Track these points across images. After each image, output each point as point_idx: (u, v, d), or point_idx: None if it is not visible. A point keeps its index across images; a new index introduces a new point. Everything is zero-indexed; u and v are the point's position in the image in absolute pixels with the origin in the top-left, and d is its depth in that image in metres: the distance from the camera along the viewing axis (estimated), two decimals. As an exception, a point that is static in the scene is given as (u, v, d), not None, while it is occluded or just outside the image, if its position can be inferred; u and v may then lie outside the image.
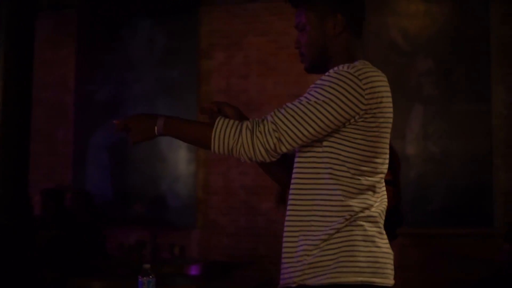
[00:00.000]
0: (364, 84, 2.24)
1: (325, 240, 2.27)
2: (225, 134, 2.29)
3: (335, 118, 2.24)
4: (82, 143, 8.83)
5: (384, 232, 2.36)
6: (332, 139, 2.29)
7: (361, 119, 2.26)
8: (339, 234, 2.27)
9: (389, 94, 2.35)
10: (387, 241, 2.37)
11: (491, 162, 7.57)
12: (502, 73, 7.67)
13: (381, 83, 2.31)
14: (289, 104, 2.29)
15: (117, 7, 8.81)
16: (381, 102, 2.29)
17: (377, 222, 2.34)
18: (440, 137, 7.68)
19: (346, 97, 2.23)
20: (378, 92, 2.28)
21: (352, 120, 2.26)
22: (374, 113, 2.27)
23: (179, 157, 8.46)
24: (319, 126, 2.25)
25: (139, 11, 8.75)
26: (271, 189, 8.12)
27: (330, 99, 2.23)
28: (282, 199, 6.00)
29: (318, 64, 2.46)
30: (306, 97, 2.28)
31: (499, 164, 7.58)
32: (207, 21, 8.56)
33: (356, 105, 2.24)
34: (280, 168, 2.57)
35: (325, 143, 2.30)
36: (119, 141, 8.63)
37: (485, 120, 7.60)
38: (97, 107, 8.82)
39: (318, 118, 2.24)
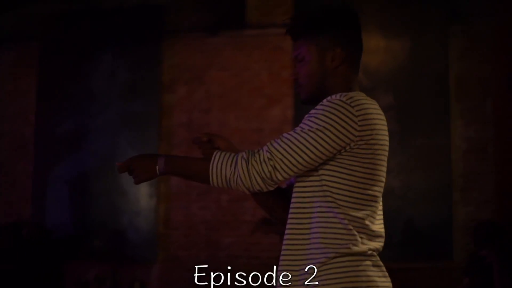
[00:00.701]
0: (356, 111, 2.29)
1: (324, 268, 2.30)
2: (222, 166, 2.33)
3: (330, 145, 2.28)
4: (42, 176, 8.74)
5: (382, 265, 2.42)
6: (328, 167, 2.33)
7: (356, 146, 2.30)
8: (338, 264, 2.31)
9: (383, 122, 2.40)
10: (388, 279, 2.43)
11: (451, 196, 7.64)
12: (460, 108, 7.78)
13: (374, 110, 2.36)
14: (285, 134, 2.34)
15: (79, 40, 8.80)
16: (374, 129, 2.33)
17: (375, 255, 2.41)
18: (400, 171, 7.74)
19: (339, 124, 2.28)
20: (371, 119, 2.33)
21: (347, 148, 2.30)
22: (368, 140, 2.32)
23: (140, 192, 8.40)
24: (314, 154, 2.29)
25: (101, 44, 8.73)
26: (232, 224, 8.12)
27: (324, 127, 2.28)
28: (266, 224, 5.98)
29: (315, 96, 2.50)
30: (300, 127, 2.33)
31: (458, 198, 7.66)
32: (169, 55, 8.58)
33: (350, 132, 2.29)
34: (276, 201, 2.60)
35: (321, 172, 2.34)
36: (79, 174, 8.56)
37: (444, 154, 7.68)
38: (58, 140, 8.74)
39: (313, 146, 2.28)
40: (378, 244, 2.42)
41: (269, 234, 5.46)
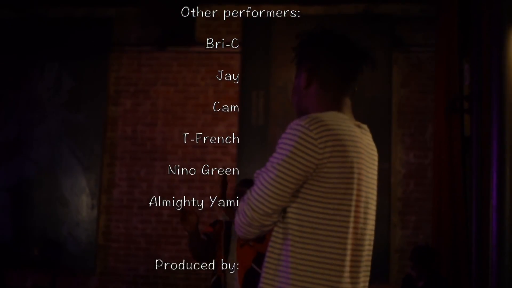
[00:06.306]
0: (315, 134, 2.28)
1: None
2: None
3: (296, 173, 2.29)
4: (-19, 184, 8.63)
5: None
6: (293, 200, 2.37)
7: (315, 173, 2.30)
8: None
9: (349, 144, 2.38)
10: None
11: (389, 219, 7.77)
12: (401, 133, 7.94)
13: (339, 131, 2.36)
14: (262, 170, 2.38)
15: (25, 47, 8.73)
16: (333, 151, 2.31)
17: None
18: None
19: (299, 149, 2.29)
20: (333, 140, 2.31)
21: (311, 175, 2.30)
22: (328, 165, 2.30)
23: (81, 202, 8.36)
24: (282, 186, 2.30)
25: (47, 53, 8.67)
26: (172, 238, 8.12)
27: (286, 155, 2.29)
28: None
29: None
30: (270, 160, 2.36)
31: (396, 221, 7.79)
32: (115, 67, 8.58)
33: (312, 156, 2.28)
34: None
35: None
36: (20, 182, 8.48)
37: (384, 178, 7.80)
38: (-1, 148, 8.65)
39: (279, 178, 2.30)
40: None
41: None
